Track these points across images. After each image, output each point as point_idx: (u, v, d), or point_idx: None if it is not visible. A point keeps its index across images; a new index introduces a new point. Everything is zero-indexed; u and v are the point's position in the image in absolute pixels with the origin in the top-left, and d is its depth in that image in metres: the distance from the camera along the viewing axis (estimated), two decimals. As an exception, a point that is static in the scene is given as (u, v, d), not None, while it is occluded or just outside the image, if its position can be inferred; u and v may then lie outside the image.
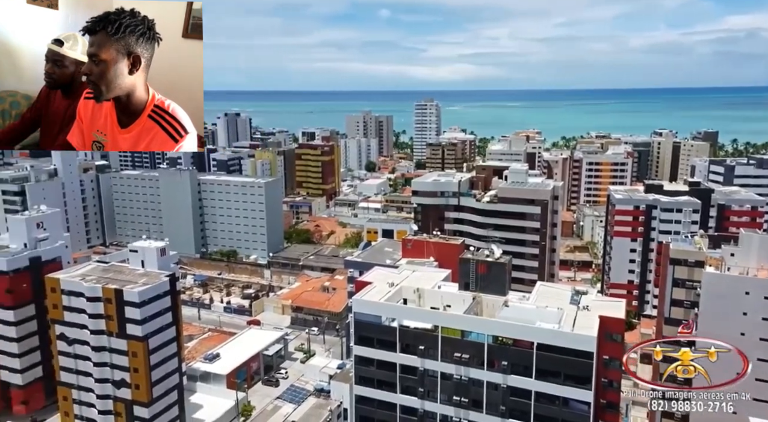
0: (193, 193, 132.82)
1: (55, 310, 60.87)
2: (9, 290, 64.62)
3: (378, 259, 77.28)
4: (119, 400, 59.22)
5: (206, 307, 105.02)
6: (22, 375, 65.56)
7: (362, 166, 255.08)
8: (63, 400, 62.33)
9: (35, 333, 66.35)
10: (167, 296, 60.82)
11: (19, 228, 68.91)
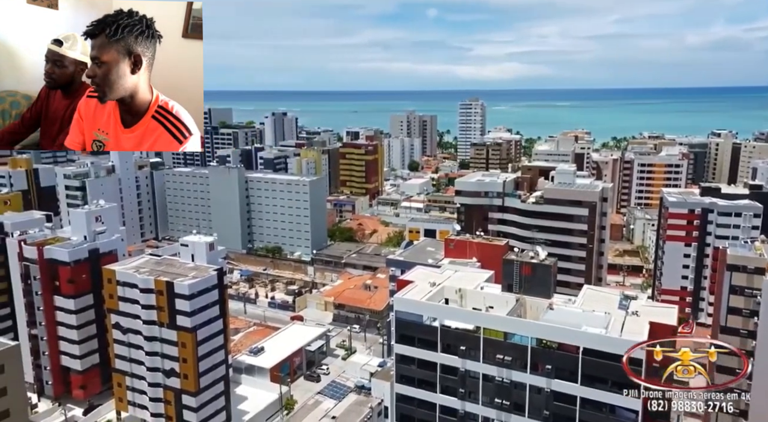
0: (240, 190, 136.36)
1: (111, 300, 63.81)
2: (70, 280, 68.15)
3: (420, 258, 77.14)
4: (169, 389, 61.52)
5: (252, 302, 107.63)
6: (81, 361, 69.02)
7: (405, 165, 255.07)
8: (117, 386, 65.32)
9: (93, 322, 69.68)
10: (215, 290, 62.66)
11: (80, 221, 72.52)
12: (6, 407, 43.43)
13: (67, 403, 68.59)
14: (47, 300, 69.32)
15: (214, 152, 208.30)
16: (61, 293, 68.63)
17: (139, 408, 64.07)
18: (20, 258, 70.36)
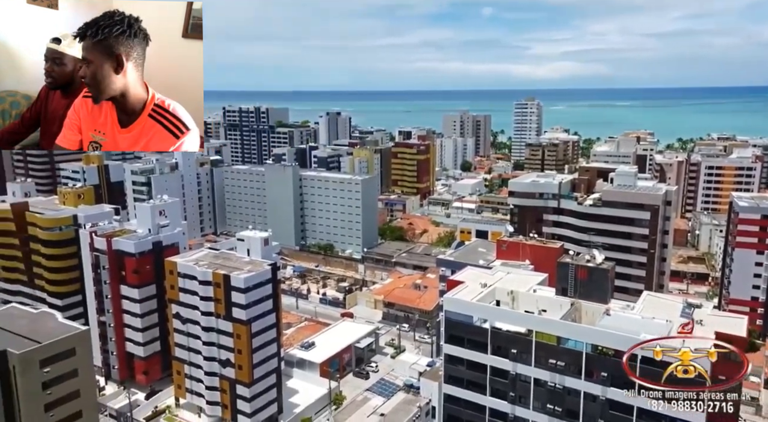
0: (294, 188, 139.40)
1: (172, 291, 66.81)
2: (135, 270, 71.84)
3: (471, 259, 76.31)
4: (224, 378, 63.78)
5: (303, 297, 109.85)
6: (144, 348, 72.65)
7: (458, 165, 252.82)
8: (177, 374, 68.33)
9: (155, 311, 73.17)
10: (269, 284, 64.39)
11: (145, 215, 76.27)
12: (76, 388, 46.32)
13: (131, 387, 72.35)
14: (114, 289, 73.36)
15: (270, 150, 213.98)
16: (126, 282, 72.45)
17: (196, 395, 66.76)
18: (91, 249, 74.80)
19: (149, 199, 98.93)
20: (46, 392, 44.01)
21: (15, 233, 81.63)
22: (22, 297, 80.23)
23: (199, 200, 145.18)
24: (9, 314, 51.13)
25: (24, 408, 43.06)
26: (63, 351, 45.39)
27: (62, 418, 45.23)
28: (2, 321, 47.32)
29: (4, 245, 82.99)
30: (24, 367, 42.73)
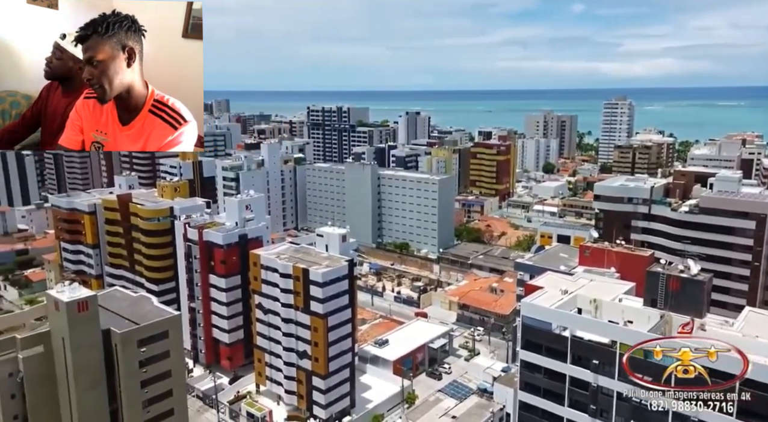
0: (373, 186, 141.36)
1: (255, 282, 70.05)
2: (223, 261, 76.05)
3: (551, 264, 73.64)
4: (301, 369, 65.99)
5: (378, 295, 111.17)
6: (229, 335, 76.74)
7: (539, 167, 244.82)
8: (258, 362, 71.59)
9: (240, 300, 77.04)
10: (345, 280, 65.77)
11: (233, 209, 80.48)
12: (168, 368, 49.90)
13: (216, 371, 76.71)
14: (203, 278, 78.09)
15: (350, 149, 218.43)
16: (215, 272, 76.85)
17: (276, 384, 69.58)
18: (184, 239, 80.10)
19: (237, 194, 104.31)
20: (142, 369, 47.76)
21: (120, 223, 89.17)
22: (124, 281, 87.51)
23: (282, 196, 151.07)
24: (112, 296, 55.91)
25: (123, 383, 46.98)
26: (158, 333, 49.01)
27: (155, 395, 48.88)
28: (106, 302, 51.78)
29: (111, 233, 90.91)
30: (124, 345, 46.60)
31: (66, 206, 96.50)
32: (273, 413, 68.04)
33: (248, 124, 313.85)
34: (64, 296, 44.20)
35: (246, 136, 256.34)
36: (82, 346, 44.69)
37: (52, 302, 44.81)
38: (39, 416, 45.26)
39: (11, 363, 44.04)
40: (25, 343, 44.44)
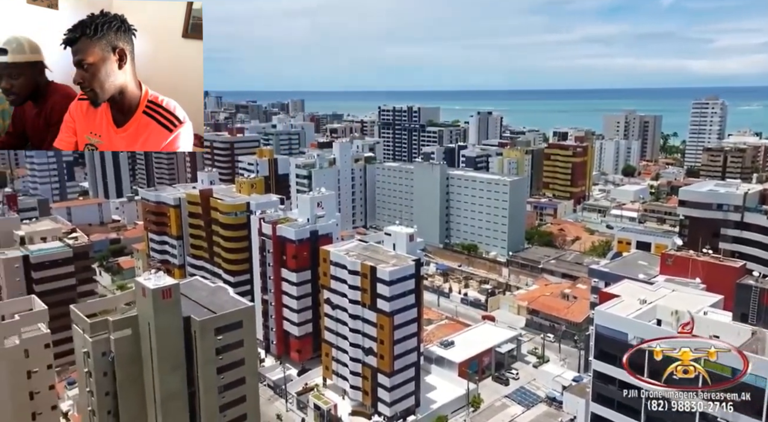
0: (441, 186, 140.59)
1: (324, 277, 71.72)
2: (294, 256, 78.49)
3: (628, 272, 70.13)
4: (367, 365, 66.82)
5: (445, 295, 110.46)
6: (298, 328, 79.12)
7: (618, 170, 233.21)
8: (325, 356, 73.29)
9: (310, 295, 79.15)
10: (412, 279, 65.83)
11: (305, 206, 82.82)
12: (242, 357, 52.23)
13: (286, 363, 79.33)
14: (276, 271, 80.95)
15: (420, 148, 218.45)
16: (286, 266, 79.45)
17: (342, 378, 70.93)
18: (259, 233, 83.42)
19: (309, 191, 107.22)
20: (218, 357, 50.29)
21: (201, 216, 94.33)
22: (204, 272, 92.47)
23: (352, 194, 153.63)
24: (193, 285, 59.21)
25: (201, 368, 49.70)
26: (233, 322, 51.39)
27: (230, 382, 51.30)
28: (187, 290, 54.91)
29: (193, 225, 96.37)
30: (203, 333, 49.27)
31: (154, 199, 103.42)
32: (338, 407, 69.42)
33: (321, 123, 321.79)
34: (150, 284, 47.38)
35: (319, 135, 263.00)
36: (165, 331, 47.72)
37: (140, 288, 48.16)
38: (127, 394, 48.84)
39: (104, 343, 47.83)
40: (116, 326, 48.09)
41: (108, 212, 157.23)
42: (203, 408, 50.16)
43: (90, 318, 48.84)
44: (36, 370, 48.80)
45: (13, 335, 47.79)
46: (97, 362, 47.84)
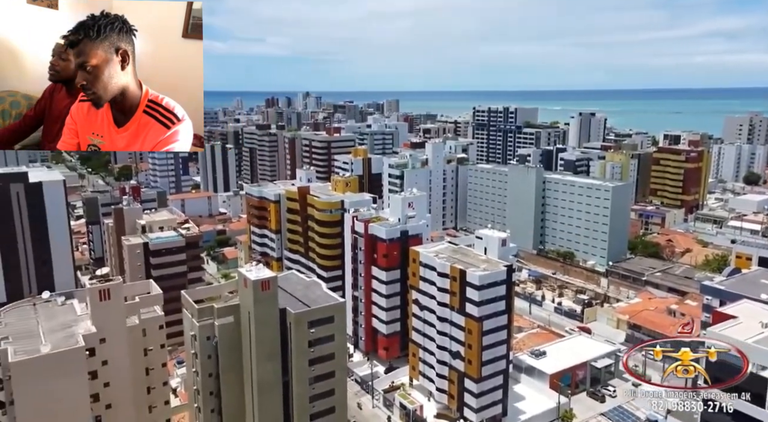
0: (537, 190, 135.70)
1: (413, 278, 72.02)
2: (385, 254, 79.64)
3: (748, 291, 63.35)
4: (453, 369, 66.20)
5: (537, 303, 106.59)
6: (386, 326, 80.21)
7: (739, 177, 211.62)
8: (412, 356, 73.61)
9: (398, 294, 79.95)
10: (503, 285, 64.18)
11: (397, 206, 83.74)
12: (332, 351, 53.90)
13: (374, 359, 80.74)
14: (367, 269, 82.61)
15: (515, 150, 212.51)
16: (377, 264, 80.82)
17: (427, 380, 70.87)
18: (352, 231, 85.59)
19: (401, 191, 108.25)
20: (310, 349, 52.29)
21: (299, 212, 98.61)
22: (299, 266, 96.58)
23: (444, 195, 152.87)
24: (289, 279, 62.05)
25: (294, 359, 51.96)
26: (325, 317, 53.20)
27: (320, 374, 53.17)
28: (284, 283, 57.60)
29: (291, 220, 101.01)
30: (297, 325, 51.49)
31: (256, 194, 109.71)
32: (423, 408, 69.44)
33: (415, 123, 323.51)
34: (251, 275, 50.30)
35: (412, 135, 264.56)
36: (263, 321, 50.44)
37: (242, 279, 51.29)
38: (228, 377, 52.30)
39: (209, 328, 51.53)
40: (220, 313, 51.62)
41: (216, 205, 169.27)
42: (295, 397, 52.42)
43: (198, 303, 52.87)
44: (151, 348, 53.69)
45: (133, 315, 52.93)
46: (203, 345, 51.66)
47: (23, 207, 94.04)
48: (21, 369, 43.65)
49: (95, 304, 49.33)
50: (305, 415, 52.87)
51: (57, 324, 50.28)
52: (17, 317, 51.86)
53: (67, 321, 50.91)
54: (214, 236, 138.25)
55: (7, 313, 52.63)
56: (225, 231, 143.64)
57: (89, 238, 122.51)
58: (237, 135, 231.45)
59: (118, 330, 50.14)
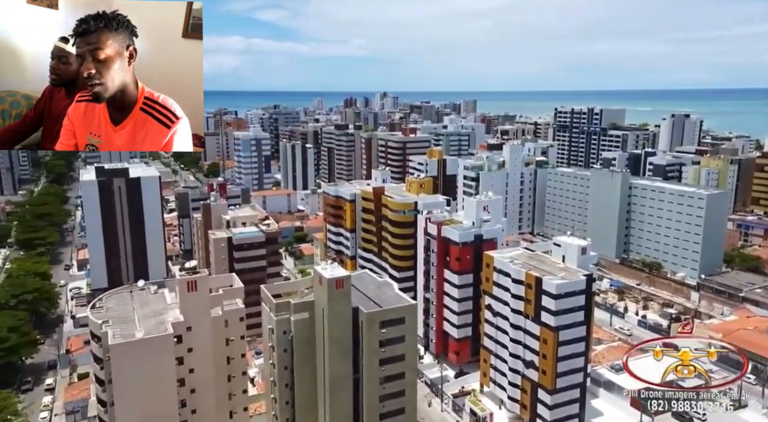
0: (622, 196, 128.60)
1: (486, 283, 70.70)
2: (457, 258, 78.75)
3: None
4: (527, 379, 64.29)
5: (619, 315, 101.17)
6: (457, 330, 79.32)
7: None
8: (483, 362, 72.33)
9: (470, 299, 78.77)
10: (582, 295, 61.57)
11: (471, 209, 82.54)
12: (402, 352, 54.06)
13: (444, 363, 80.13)
14: (439, 272, 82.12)
15: (599, 154, 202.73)
16: (449, 267, 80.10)
17: (499, 387, 69.36)
18: (424, 233, 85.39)
19: (476, 194, 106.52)
20: (381, 349, 52.74)
21: (373, 212, 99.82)
22: (372, 265, 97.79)
23: (520, 199, 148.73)
24: (361, 278, 62.93)
25: (366, 358, 52.63)
26: (397, 317, 53.47)
27: (391, 374, 53.50)
28: (357, 282, 58.49)
29: (366, 220, 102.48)
30: (369, 324, 52.11)
31: (333, 193, 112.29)
32: (494, 416, 67.96)
33: (492, 124, 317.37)
34: (326, 273, 51.54)
35: (489, 136, 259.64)
36: (336, 318, 51.54)
37: (317, 277, 52.66)
38: (302, 371, 53.96)
39: (285, 323, 53.41)
40: (296, 308, 53.33)
41: (295, 203, 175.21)
42: (365, 395, 53.10)
43: (275, 298, 54.95)
44: (232, 339, 56.44)
45: (217, 306, 55.92)
46: (279, 339, 53.62)
47: (124, 200, 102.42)
48: (119, 351, 47.49)
49: (183, 294, 52.60)
50: (375, 414, 53.40)
51: (150, 310, 54.20)
52: (116, 302, 56.45)
53: (158, 308, 54.73)
54: (292, 232, 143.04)
55: (108, 298, 57.42)
56: (302, 228, 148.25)
57: (180, 231, 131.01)
58: (316, 135, 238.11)
59: (203, 319, 53.17)
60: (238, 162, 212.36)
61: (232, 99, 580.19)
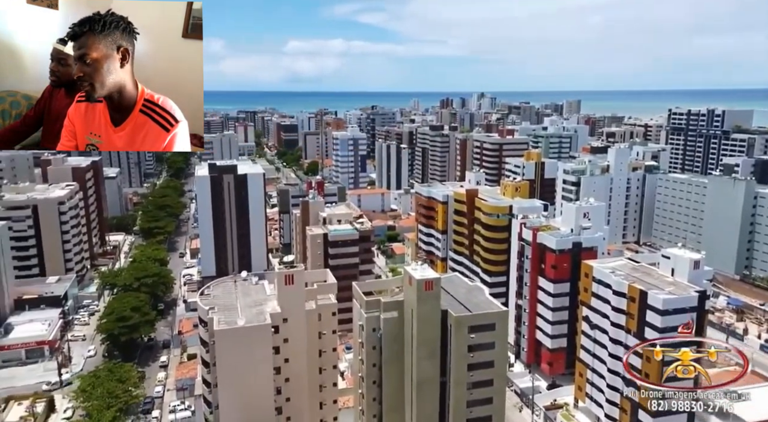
0: (745, 206, 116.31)
1: (584, 293, 67.20)
2: (554, 266, 75.64)
3: None
4: (626, 398, 60.32)
5: (737, 337, 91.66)
6: (551, 341, 76.22)
7: None
8: (578, 375, 68.90)
9: (566, 308, 75.39)
10: (693, 313, 56.71)
11: (570, 215, 78.88)
12: (492, 359, 52.86)
13: (536, 373, 77.37)
14: (533, 279, 79.38)
15: (719, 159, 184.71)
16: (544, 275, 77.17)
17: (595, 404, 65.74)
18: (519, 238, 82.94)
19: (576, 199, 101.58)
20: (470, 354, 51.98)
21: (465, 214, 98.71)
22: (463, 268, 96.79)
23: (626, 206, 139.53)
24: (452, 281, 62.40)
25: (453, 361, 52.17)
26: (487, 323, 52.43)
27: (479, 380, 52.53)
28: (447, 285, 58.11)
29: (458, 222, 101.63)
30: (458, 328, 51.60)
31: (426, 194, 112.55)
32: (587, 434, 64.55)
33: (597, 126, 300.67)
34: (416, 274, 51.77)
35: (593, 138, 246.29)
36: (424, 319, 51.60)
37: (407, 277, 53.05)
38: (390, 369, 54.67)
39: (375, 321, 54.40)
40: (386, 307, 54.13)
41: (388, 202, 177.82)
42: (452, 399, 52.66)
43: (366, 295, 56.13)
44: (325, 333, 58.51)
45: (311, 300, 58.29)
46: (369, 336, 54.74)
47: (232, 195, 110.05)
48: (222, 337, 51.13)
49: (281, 287, 55.40)
50: (462, 419, 52.82)
51: (251, 300, 57.73)
52: (222, 290, 60.76)
53: (258, 299, 58.12)
54: (385, 231, 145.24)
55: (215, 286, 61.98)
56: (395, 227, 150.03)
57: (280, 225, 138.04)
58: (411, 135, 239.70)
59: (298, 312, 55.67)
60: (335, 161, 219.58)
61: (333, 100, 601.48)
